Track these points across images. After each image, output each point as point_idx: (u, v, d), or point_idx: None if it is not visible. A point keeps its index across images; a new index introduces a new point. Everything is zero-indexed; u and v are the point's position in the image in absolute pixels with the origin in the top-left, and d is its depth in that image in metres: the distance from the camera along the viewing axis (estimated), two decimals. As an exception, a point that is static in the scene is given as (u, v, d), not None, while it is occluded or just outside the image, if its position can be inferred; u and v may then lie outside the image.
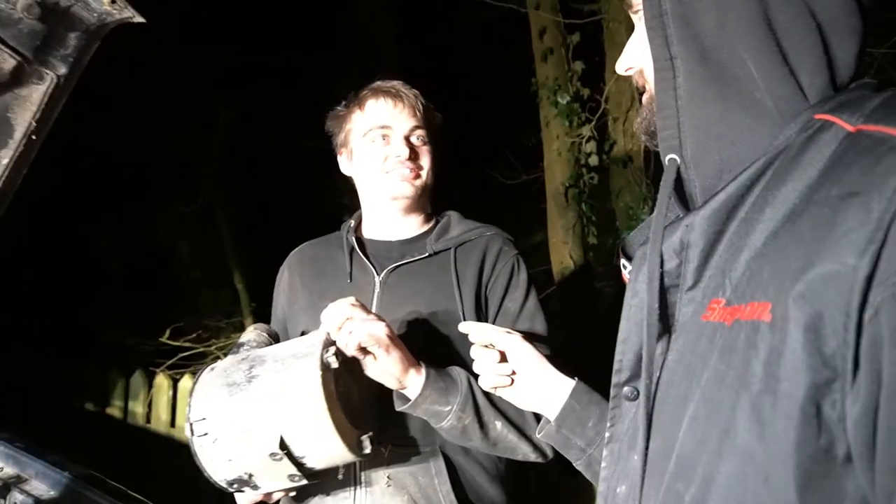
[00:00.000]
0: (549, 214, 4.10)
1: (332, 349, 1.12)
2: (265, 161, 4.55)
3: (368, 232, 1.52)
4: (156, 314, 3.53)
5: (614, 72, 3.73)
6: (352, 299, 1.17)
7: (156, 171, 4.12)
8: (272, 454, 1.06)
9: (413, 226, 1.50)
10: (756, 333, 0.55)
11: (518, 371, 1.10)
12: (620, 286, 0.84)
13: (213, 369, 1.19)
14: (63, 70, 1.47)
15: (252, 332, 1.35)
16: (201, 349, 3.39)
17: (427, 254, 1.41)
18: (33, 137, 1.54)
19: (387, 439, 1.27)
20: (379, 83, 1.47)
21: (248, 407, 1.09)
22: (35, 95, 1.47)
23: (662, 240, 0.70)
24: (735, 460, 0.54)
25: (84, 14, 1.40)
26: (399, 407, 1.21)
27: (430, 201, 1.56)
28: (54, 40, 1.40)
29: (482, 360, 1.11)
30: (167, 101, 3.88)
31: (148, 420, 3.19)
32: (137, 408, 3.23)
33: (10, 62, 1.37)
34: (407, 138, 1.41)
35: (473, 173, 4.85)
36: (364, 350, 1.15)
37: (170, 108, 3.89)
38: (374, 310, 1.34)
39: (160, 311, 3.56)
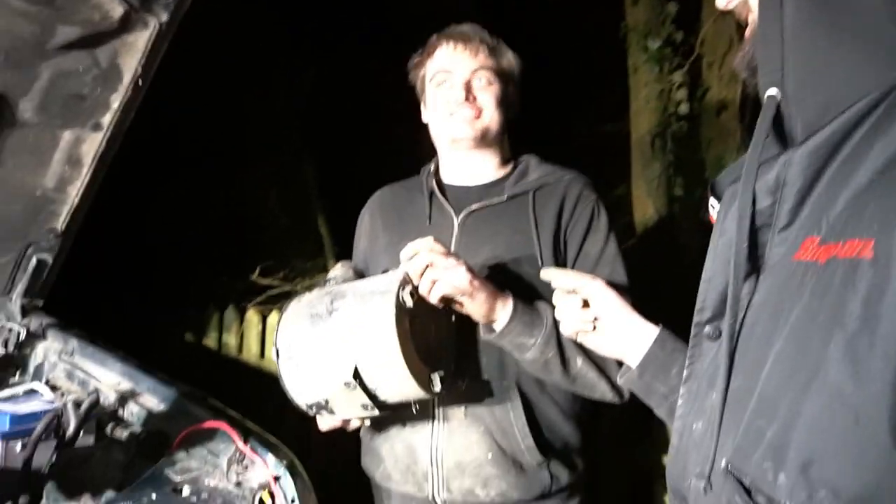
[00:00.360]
0: (633, 165, 3.95)
1: (409, 288, 1.16)
2: (349, 114, 4.65)
3: (447, 177, 1.54)
4: (247, 258, 3.76)
5: (712, 11, 3.51)
6: (430, 240, 1.20)
7: (248, 125, 4.30)
8: (346, 383, 1.12)
9: (490, 170, 1.50)
10: (855, 271, 0.52)
11: (601, 317, 1.10)
12: (707, 239, 0.81)
13: (299, 300, 1.26)
14: (165, 17, 1.55)
15: (339, 269, 1.42)
16: (288, 287, 3.58)
17: (504, 197, 1.42)
18: (139, 83, 1.65)
19: (464, 374, 1.32)
20: (449, 29, 1.48)
21: (328, 337, 1.15)
22: (140, 42, 1.57)
23: (756, 177, 0.68)
24: (823, 398, 0.53)
25: (183, -40, 1.46)
26: (485, 337, 1.25)
27: (510, 145, 1.55)
28: (157, -13, 1.48)
29: (564, 307, 1.11)
30: (256, 59, 4.03)
31: (240, 351, 3.44)
32: (230, 340, 3.48)
33: (118, 10, 1.46)
34: (468, 81, 1.41)
35: (555, 122, 4.74)
36: (448, 298, 1.19)
37: (259, 65, 4.05)
38: (452, 248, 1.37)
39: (251, 256, 3.78)
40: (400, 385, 1.13)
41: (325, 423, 1.32)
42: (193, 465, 1.29)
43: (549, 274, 1.14)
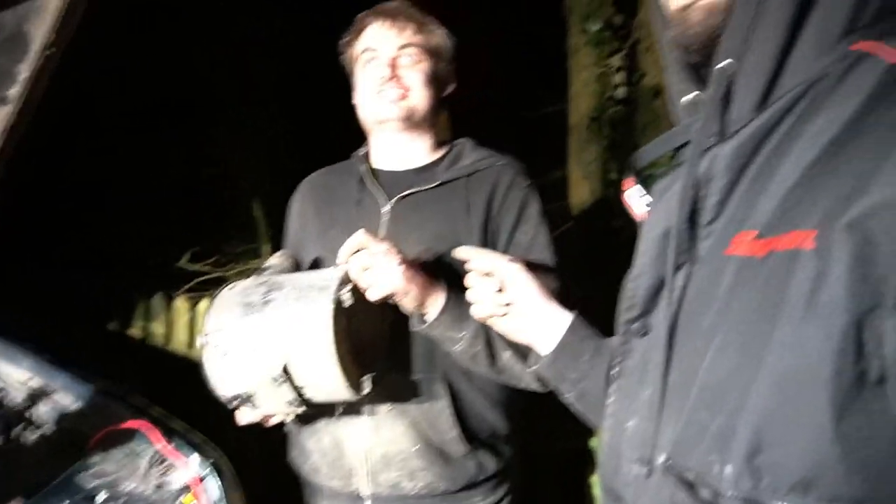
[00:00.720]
0: (570, 148, 4.00)
1: (349, 286, 1.13)
2: (297, 94, 4.45)
3: (378, 161, 1.50)
4: (175, 239, 3.57)
5: (648, -3, 3.55)
6: (367, 237, 1.17)
7: (216, 78, 3.95)
8: (274, 378, 1.08)
9: (421, 153, 1.47)
10: (796, 261, 0.53)
11: (514, 302, 1.08)
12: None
13: (233, 287, 1.21)
14: (75, -23, 1.42)
15: (276, 258, 1.37)
16: (219, 274, 3.44)
17: (437, 182, 1.38)
18: (52, 50, 1.51)
19: (393, 366, 1.29)
20: (377, 7, 1.43)
21: (259, 328, 1.11)
22: (50, 6, 1.43)
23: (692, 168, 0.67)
24: (770, 386, 0.53)
25: (92, -82, 1.33)
26: (415, 328, 1.23)
27: (444, 128, 1.53)
28: (63, -55, 1.35)
29: (478, 289, 1.09)
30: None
31: (167, 341, 3.28)
32: (157, 329, 3.31)
33: (18, -32, 1.33)
34: (395, 58, 1.37)
35: (494, 104, 4.73)
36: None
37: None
38: (381, 235, 1.34)
39: (180, 236, 3.59)
40: (330, 386, 1.10)
41: (246, 417, 1.27)
42: (110, 468, 1.21)
43: (466, 252, 1.12)
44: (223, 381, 1.14)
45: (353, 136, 1.58)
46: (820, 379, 0.50)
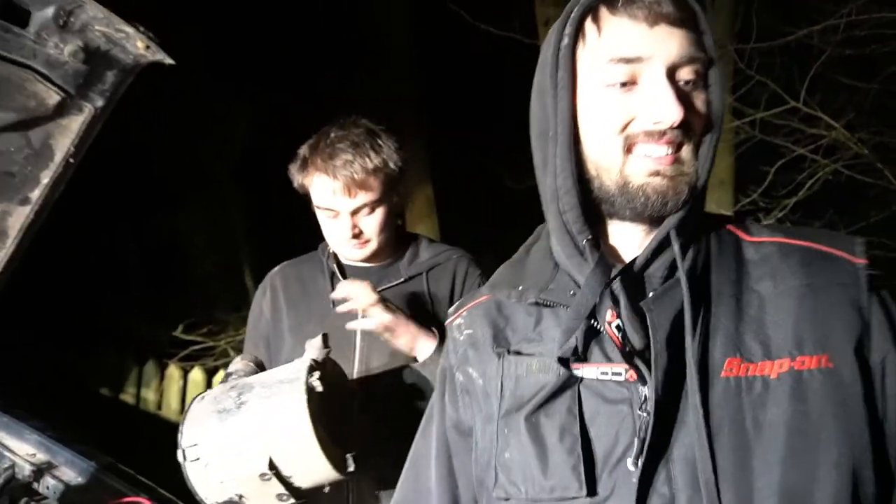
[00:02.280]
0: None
1: (317, 374, 1.19)
2: (279, 164, 4.70)
3: (344, 257, 1.59)
4: (169, 307, 3.72)
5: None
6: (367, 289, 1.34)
7: (175, 173, 4.31)
8: (262, 475, 1.13)
9: (385, 252, 1.58)
10: (825, 376, 0.67)
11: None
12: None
13: (202, 398, 1.24)
14: (100, 103, 1.63)
15: (239, 363, 1.39)
16: (211, 343, 3.56)
17: (402, 279, 1.55)
18: (71, 160, 1.71)
19: (374, 445, 1.42)
20: (324, 151, 1.43)
21: (239, 431, 1.15)
22: (74, 125, 1.64)
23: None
24: (836, 479, 0.65)
25: (122, 56, 1.55)
26: (414, 365, 1.39)
27: (400, 228, 1.65)
28: (94, 78, 1.56)
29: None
30: (190, 108, 4.07)
31: (159, 407, 3.38)
32: (150, 395, 3.42)
33: (55, 98, 1.54)
34: (352, 217, 1.45)
35: (485, 177, 4.97)
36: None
37: (193, 114, 4.08)
38: (359, 335, 1.48)
39: (173, 305, 3.74)
40: (316, 471, 1.17)
41: None
42: (112, 541, 1.33)
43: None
44: (210, 490, 1.17)
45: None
46: (866, 459, 0.66)
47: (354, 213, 1.45)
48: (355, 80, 4.76)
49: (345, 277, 1.56)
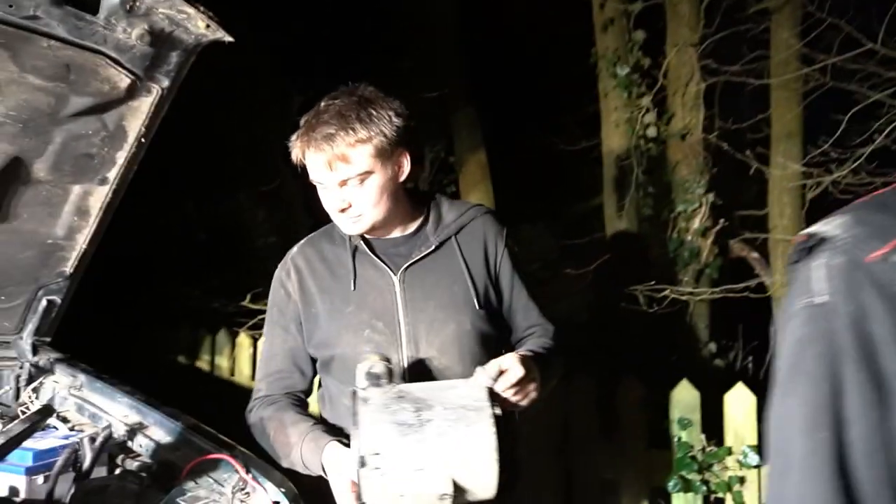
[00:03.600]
0: (604, 185, 4.16)
1: (497, 403, 1.24)
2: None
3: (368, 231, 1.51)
4: (237, 280, 3.91)
5: (675, 43, 3.71)
6: (510, 360, 1.31)
7: (237, 152, 4.47)
8: (442, 495, 1.15)
9: (404, 223, 1.53)
10: None
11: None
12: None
13: (366, 402, 1.22)
14: (166, 83, 1.71)
15: (380, 364, 1.29)
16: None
17: (433, 246, 1.49)
18: (142, 140, 1.81)
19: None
20: (313, 124, 1.39)
21: (423, 448, 1.16)
22: (144, 106, 1.73)
23: None
24: None
25: (184, 36, 1.62)
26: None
27: (417, 191, 1.60)
28: (160, 59, 1.64)
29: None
30: (245, 89, 4.21)
31: (232, 373, 3.58)
32: (223, 362, 3.62)
33: (126, 81, 1.63)
34: (342, 188, 1.40)
35: (534, 140, 4.94)
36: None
37: (248, 95, 4.23)
38: (399, 307, 1.46)
39: (240, 277, 3.93)
40: (483, 494, 1.21)
41: None
42: (202, 493, 1.44)
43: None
44: (386, 500, 1.17)
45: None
46: None
47: (341, 186, 1.39)
48: (404, 56, 4.76)
49: (372, 251, 1.50)
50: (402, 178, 1.46)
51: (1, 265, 1.85)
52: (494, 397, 1.25)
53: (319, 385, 1.62)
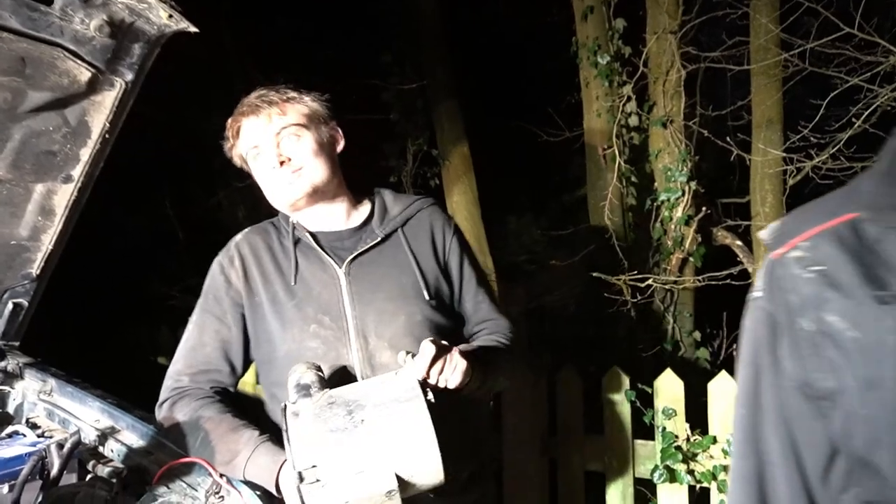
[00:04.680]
0: (588, 175, 4.14)
1: (428, 389, 1.23)
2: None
3: (311, 224, 1.51)
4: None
5: (654, 30, 3.68)
6: (431, 345, 1.26)
7: (217, 150, 4.42)
8: (388, 492, 1.14)
9: (347, 212, 1.53)
10: None
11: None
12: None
13: (296, 416, 1.20)
14: (130, 76, 1.65)
15: (308, 373, 1.27)
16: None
17: (379, 238, 1.47)
18: (107, 136, 1.76)
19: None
20: (241, 106, 1.47)
21: (360, 450, 1.15)
22: (107, 101, 1.67)
23: None
24: None
25: (146, 27, 1.57)
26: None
27: (359, 181, 1.58)
28: (122, 52, 1.58)
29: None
30: (224, 85, 4.14)
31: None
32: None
33: (86, 74, 1.57)
34: (277, 143, 1.42)
35: (518, 131, 4.90)
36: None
37: (227, 91, 4.17)
38: (346, 301, 1.43)
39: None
40: (431, 482, 1.19)
41: None
42: (174, 499, 1.40)
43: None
44: None
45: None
46: None
47: (277, 137, 1.42)
48: (386, 49, 4.69)
49: (318, 244, 1.48)
50: (339, 148, 1.51)
51: (-37, 268, 1.79)
52: (426, 386, 1.24)
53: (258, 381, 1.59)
